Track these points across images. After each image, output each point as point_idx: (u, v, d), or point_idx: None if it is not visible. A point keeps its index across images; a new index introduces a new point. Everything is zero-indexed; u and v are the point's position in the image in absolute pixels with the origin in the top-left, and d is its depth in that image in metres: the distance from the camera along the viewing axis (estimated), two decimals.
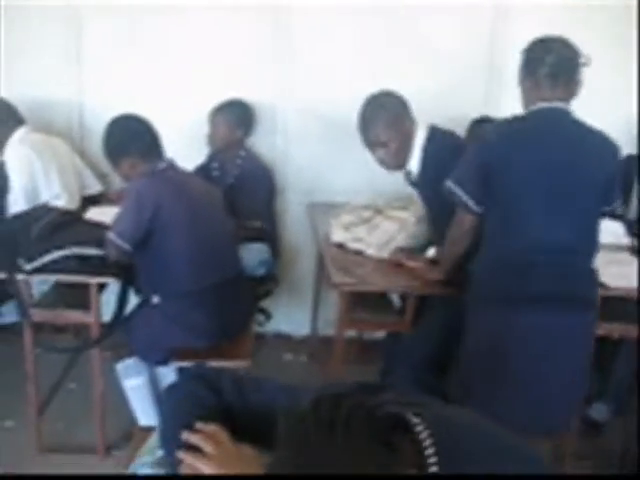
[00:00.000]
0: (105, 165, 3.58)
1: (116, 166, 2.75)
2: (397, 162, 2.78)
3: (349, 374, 2.95)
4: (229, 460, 1.28)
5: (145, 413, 2.98)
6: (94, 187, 3.53)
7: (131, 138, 2.68)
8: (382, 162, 2.80)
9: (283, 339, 3.99)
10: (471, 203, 2.34)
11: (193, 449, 1.30)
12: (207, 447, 1.29)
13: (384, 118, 2.69)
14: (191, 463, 1.28)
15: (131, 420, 3.00)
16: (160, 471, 1.44)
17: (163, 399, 1.47)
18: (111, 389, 2.97)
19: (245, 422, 1.42)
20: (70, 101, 3.69)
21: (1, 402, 3.32)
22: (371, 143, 2.75)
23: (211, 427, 1.33)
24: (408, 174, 2.84)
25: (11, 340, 3.77)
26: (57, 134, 3.54)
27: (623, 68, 3.51)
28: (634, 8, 3.42)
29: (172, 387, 1.50)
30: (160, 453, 1.51)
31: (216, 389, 1.45)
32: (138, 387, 2.94)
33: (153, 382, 3.00)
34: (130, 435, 3.03)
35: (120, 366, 2.91)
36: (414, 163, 2.77)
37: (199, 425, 1.34)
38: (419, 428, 0.99)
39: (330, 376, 3.14)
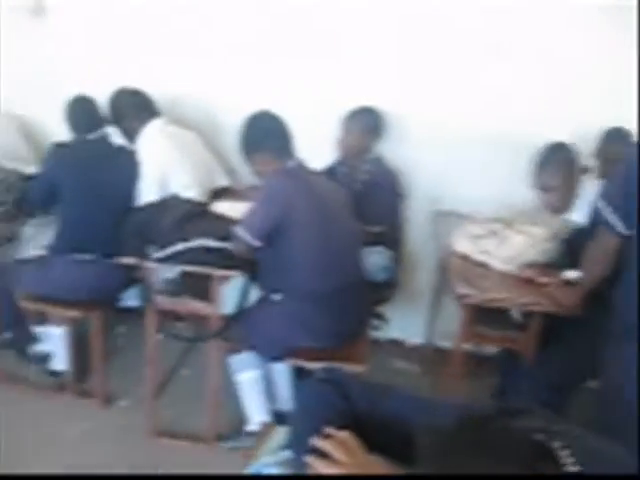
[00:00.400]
0: (233, 160, 3.67)
1: (249, 161, 2.78)
2: (563, 207, 2.83)
3: (462, 388, 2.88)
4: (360, 469, 1.25)
5: (255, 407, 3.01)
6: (222, 181, 3.59)
7: (266, 135, 2.70)
8: (548, 205, 2.84)
9: (396, 346, 3.94)
10: (619, 225, 2.23)
11: (323, 455, 1.28)
12: (338, 454, 1.27)
13: (560, 165, 2.78)
14: (321, 470, 1.26)
15: (241, 414, 3.03)
16: (286, 471, 1.43)
17: (294, 401, 1.46)
18: (224, 381, 3.01)
19: (373, 430, 1.39)
20: (204, 96, 3.77)
21: (118, 382, 3.43)
22: (542, 186, 2.81)
23: (343, 434, 1.31)
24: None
25: (131, 324, 3.93)
26: (190, 128, 3.62)
27: None
28: None
29: (303, 390, 1.49)
30: (285, 454, 1.51)
31: (346, 394, 1.42)
32: (250, 381, 2.97)
33: (266, 378, 3.03)
34: (239, 428, 3.06)
35: (235, 359, 2.94)
36: (578, 215, 2.79)
37: (330, 431, 1.32)
38: (567, 460, 0.94)
39: (443, 389, 3.07)
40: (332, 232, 2.69)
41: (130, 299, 3.65)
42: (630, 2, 3.16)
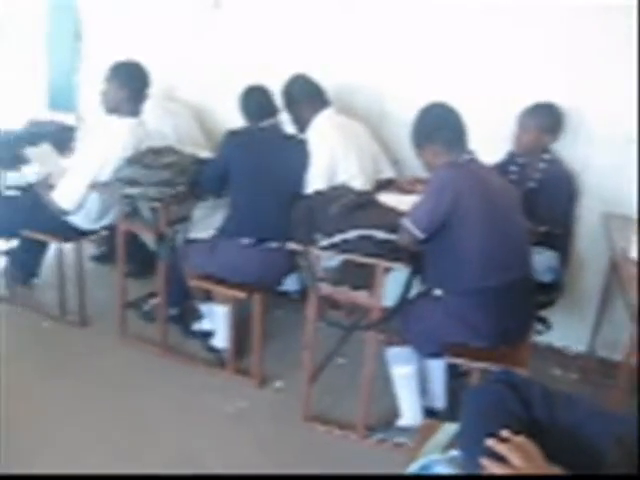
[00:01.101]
0: (399, 151, 3.66)
1: (420, 152, 2.75)
2: None
3: (627, 402, 2.73)
4: (538, 477, 1.20)
5: (408, 403, 2.99)
6: (387, 173, 3.59)
7: (439, 126, 2.66)
8: None
9: (554, 352, 3.78)
10: None
11: (498, 458, 1.24)
12: (515, 459, 1.22)
13: None
14: (496, 472, 1.22)
15: (393, 407, 3.02)
16: (455, 470, 1.40)
17: (467, 400, 1.42)
18: (378, 372, 3.00)
19: (552, 439, 1.33)
20: (373, 85, 3.78)
21: (274, 364, 3.52)
22: None
23: (520, 439, 1.26)
24: None
25: (287, 308, 4.01)
26: (357, 118, 3.64)
27: None
28: None
29: (479, 390, 1.46)
30: (453, 452, 1.48)
31: (525, 400, 1.37)
32: (406, 375, 2.95)
33: (421, 373, 3.00)
34: (390, 421, 3.05)
35: (391, 352, 2.93)
36: None
37: (506, 434, 1.27)
38: None
39: (606, 402, 2.92)
40: (500, 229, 2.61)
41: (289, 284, 3.74)
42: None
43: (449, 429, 1.64)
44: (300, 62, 3.74)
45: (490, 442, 1.26)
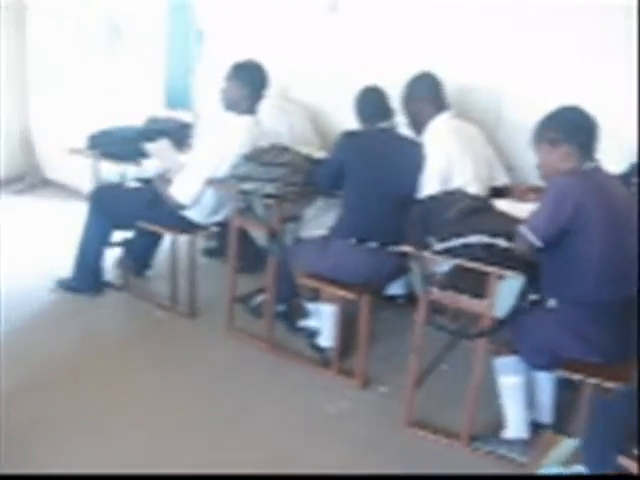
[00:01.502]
0: (515, 158, 3.59)
1: (548, 150, 2.64)
2: None
3: None
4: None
5: (515, 415, 2.92)
6: (501, 179, 3.53)
7: (580, 128, 2.57)
8: None
9: None
10: None
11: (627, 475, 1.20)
12: None
13: None
14: None
15: (498, 416, 2.96)
16: None
17: (593, 416, 1.38)
18: (483, 380, 2.95)
19: None
20: (490, 89, 3.72)
21: (378, 366, 3.51)
22: None
23: None
24: None
25: (392, 311, 4.00)
26: (473, 121, 3.59)
27: None
28: None
29: (604, 405, 1.41)
30: (577, 467, 1.44)
31: None
32: (513, 386, 2.89)
33: (529, 385, 2.93)
34: (495, 431, 2.99)
35: (499, 362, 2.88)
36: None
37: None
38: None
39: None
40: (622, 241, 2.53)
41: (394, 288, 3.73)
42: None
43: (570, 444, 1.59)
44: (416, 63, 3.71)
45: (620, 459, 1.22)
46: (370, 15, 4.08)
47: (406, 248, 2.87)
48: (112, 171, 4.45)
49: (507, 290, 2.78)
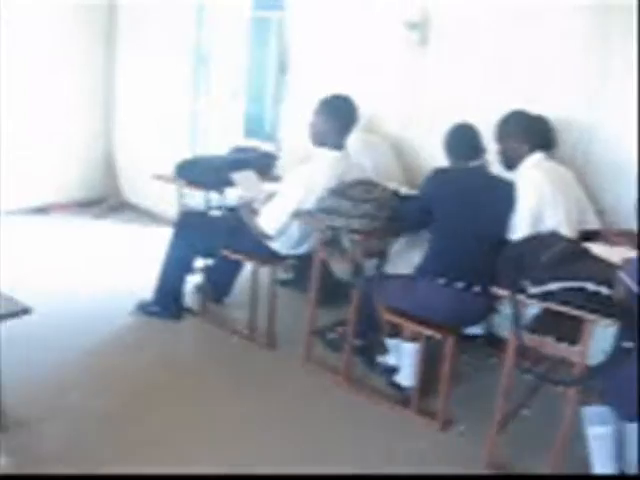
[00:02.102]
0: (605, 201, 3.51)
1: None
2: None
3: None
4: None
5: (602, 466, 2.83)
6: (592, 223, 3.45)
7: None
8: None
9: None
10: None
11: None
12: None
13: None
14: None
15: (584, 466, 2.87)
16: None
17: None
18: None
19: None
20: (579, 124, 3.66)
21: (457, 407, 3.44)
22: None
23: None
24: None
25: (471, 351, 3.93)
26: (562, 160, 3.54)
27: None
28: None
29: None
30: None
31: None
32: (602, 437, 2.79)
33: (618, 436, 2.83)
34: None
35: (587, 410, 2.79)
36: None
37: None
38: None
39: None
40: None
41: (474, 328, 3.68)
42: None
43: None
44: (505, 99, 3.68)
45: None
46: (460, 50, 4.08)
47: (498, 290, 2.83)
48: (196, 198, 4.53)
49: (602, 337, 2.70)
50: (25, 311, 2.92)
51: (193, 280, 4.37)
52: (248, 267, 4.15)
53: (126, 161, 6.54)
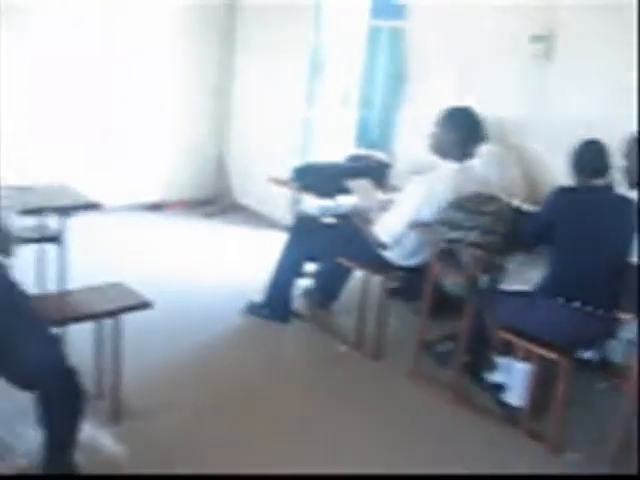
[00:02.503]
0: None
1: None
2: None
3: None
4: None
5: None
6: None
7: None
8: None
9: None
10: None
11: None
12: None
13: None
14: None
15: None
16: None
17: None
18: None
19: None
20: None
21: (568, 431, 3.32)
22: None
23: None
24: None
25: (581, 375, 3.79)
26: None
27: None
28: None
29: None
30: None
31: None
32: None
33: None
34: None
35: None
36: None
37: None
38: None
39: None
40: None
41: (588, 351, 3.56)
42: None
43: None
44: (633, 115, 3.55)
45: None
46: (586, 64, 3.97)
47: (624, 315, 2.73)
48: (309, 203, 4.58)
49: None
50: (145, 305, 3.04)
51: (302, 284, 4.41)
52: (357, 274, 4.15)
53: (238, 163, 6.67)
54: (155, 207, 6.36)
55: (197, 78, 6.45)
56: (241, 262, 5.23)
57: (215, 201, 6.64)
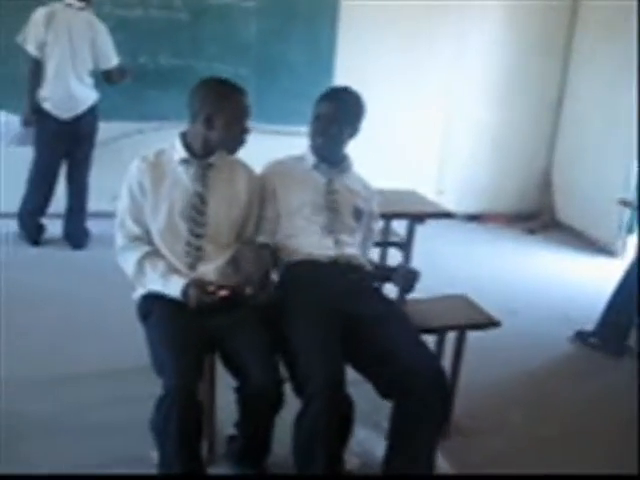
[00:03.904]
0: None
1: None
2: None
3: None
4: None
5: None
6: None
7: None
8: None
9: None
10: None
11: None
12: None
13: None
14: None
15: None
16: None
17: None
18: None
19: None
20: None
21: None
22: None
23: None
24: None
25: None
26: None
27: None
28: None
29: None
30: None
31: None
32: None
33: None
34: None
35: None
36: None
37: None
38: None
39: None
40: None
41: None
42: None
43: None
44: None
45: None
46: None
47: None
48: None
49: None
50: (494, 323, 2.99)
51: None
52: None
53: (563, 180, 6.42)
54: (475, 217, 6.34)
55: (534, 91, 6.32)
56: (563, 285, 5.01)
57: (537, 216, 6.45)
